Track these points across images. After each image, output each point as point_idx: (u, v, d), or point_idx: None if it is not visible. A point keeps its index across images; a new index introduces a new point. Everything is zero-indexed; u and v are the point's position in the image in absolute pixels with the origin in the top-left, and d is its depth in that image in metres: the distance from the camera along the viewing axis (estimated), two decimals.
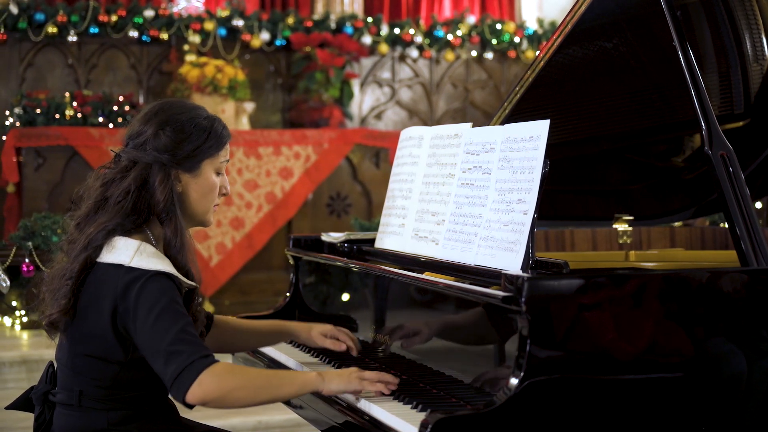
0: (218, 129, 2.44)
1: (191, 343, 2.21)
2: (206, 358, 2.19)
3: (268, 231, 7.01)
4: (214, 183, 2.45)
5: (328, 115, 7.90)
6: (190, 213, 2.44)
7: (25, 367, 5.20)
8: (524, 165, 2.32)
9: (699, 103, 2.45)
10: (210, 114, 2.47)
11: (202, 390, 2.16)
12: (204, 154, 2.41)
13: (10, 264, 5.87)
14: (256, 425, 4.62)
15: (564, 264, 2.17)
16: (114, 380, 2.32)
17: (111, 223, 2.32)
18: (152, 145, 2.36)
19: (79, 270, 2.32)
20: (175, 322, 2.22)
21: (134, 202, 2.34)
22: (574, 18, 2.88)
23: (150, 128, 2.38)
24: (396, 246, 2.81)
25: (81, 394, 2.33)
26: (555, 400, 2.01)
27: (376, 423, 2.18)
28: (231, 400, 2.21)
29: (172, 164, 2.37)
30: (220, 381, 2.17)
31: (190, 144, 2.39)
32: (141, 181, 2.35)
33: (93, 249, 2.32)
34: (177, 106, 2.44)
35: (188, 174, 2.40)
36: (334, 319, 3.00)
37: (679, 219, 3.56)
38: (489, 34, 8.84)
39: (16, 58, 7.58)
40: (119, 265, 2.28)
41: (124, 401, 2.34)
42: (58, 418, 2.40)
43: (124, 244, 2.31)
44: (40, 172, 6.63)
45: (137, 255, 2.27)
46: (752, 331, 2.19)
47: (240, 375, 2.24)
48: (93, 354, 2.32)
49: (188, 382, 2.16)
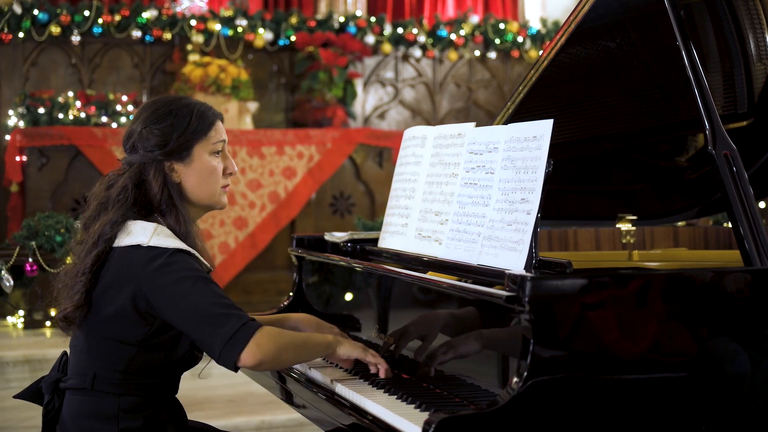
0: (202, 110, 2.46)
1: (234, 307, 2.29)
2: (254, 321, 2.28)
3: (271, 231, 7.01)
4: (211, 166, 2.47)
5: (331, 114, 7.91)
6: (194, 200, 2.48)
7: (28, 366, 5.21)
8: (527, 164, 2.32)
9: (702, 103, 2.45)
10: (194, 100, 2.50)
11: (261, 351, 2.24)
12: (192, 139, 2.44)
13: (13, 264, 5.87)
14: (259, 425, 4.62)
15: (567, 264, 2.17)
16: (129, 363, 2.35)
17: (115, 216, 2.38)
18: (142, 146, 2.42)
19: (92, 265, 2.36)
20: (211, 290, 2.29)
21: (134, 197, 2.40)
22: (577, 17, 2.87)
23: (137, 128, 2.44)
24: (399, 246, 2.81)
25: (95, 377, 2.36)
26: (558, 400, 2.01)
27: (380, 422, 2.18)
28: (281, 361, 2.34)
29: (163, 158, 2.41)
30: (277, 342, 2.28)
31: (175, 133, 2.42)
32: (137, 179, 2.41)
33: (104, 242, 2.36)
34: (158, 102, 2.48)
35: (181, 163, 2.44)
36: (338, 318, 3.00)
37: (682, 218, 3.55)
38: (492, 33, 8.84)
39: (19, 57, 7.59)
40: (137, 246, 2.33)
41: (136, 387, 2.37)
42: (68, 404, 2.41)
43: (141, 226, 2.36)
44: (44, 171, 6.63)
45: (155, 235, 2.33)
46: (756, 330, 2.19)
47: (286, 336, 2.35)
48: (111, 336, 2.35)
49: (243, 343, 2.23)
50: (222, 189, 2.51)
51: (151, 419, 2.38)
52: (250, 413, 4.66)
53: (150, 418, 2.38)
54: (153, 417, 2.38)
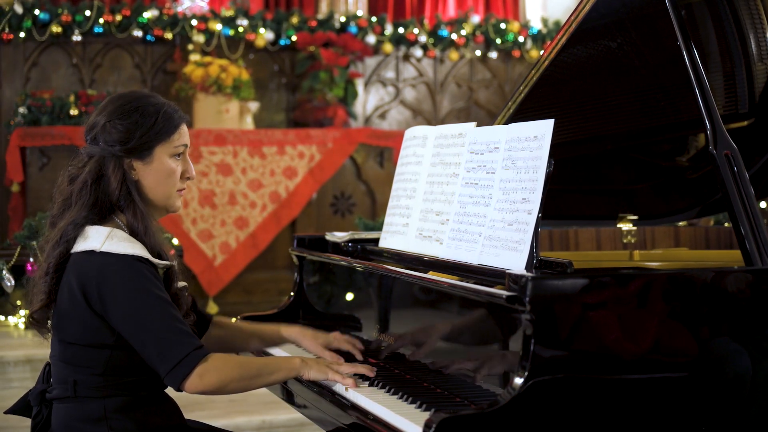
0: (168, 112, 2.44)
1: (181, 332, 2.28)
2: (200, 349, 2.27)
3: (272, 230, 7.01)
4: (170, 168, 2.45)
5: (332, 114, 7.91)
6: (150, 200, 2.45)
7: (30, 366, 5.21)
8: (528, 164, 2.32)
9: (703, 103, 2.45)
10: (162, 100, 2.48)
11: (203, 383, 2.25)
12: (154, 140, 2.41)
13: (14, 263, 5.88)
14: (260, 425, 4.62)
15: (568, 263, 2.17)
16: (107, 365, 2.34)
17: (79, 217, 2.37)
18: (103, 138, 2.40)
19: (55, 265, 2.37)
20: (159, 308, 2.28)
21: (95, 195, 2.38)
22: (578, 17, 2.87)
23: (101, 120, 2.41)
24: (400, 245, 2.81)
25: (75, 383, 2.35)
26: (559, 400, 2.01)
27: (381, 422, 2.18)
28: (227, 391, 2.32)
29: (123, 154, 2.39)
30: (219, 374, 2.27)
31: (138, 131, 2.39)
32: (96, 174, 2.39)
33: (66, 242, 2.37)
34: (127, 97, 2.46)
35: (141, 162, 2.42)
36: (338, 318, 3.00)
37: (683, 218, 3.55)
38: (493, 33, 8.84)
39: (20, 57, 7.60)
40: (91, 251, 2.33)
41: (120, 387, 2.36)
42: (56, 414, 2.41)
43: (96, 231, 2.36)
44: (45, 171, 6.63)
45: (108, 240, 2.33)
46: (757, 330, 2.19)
47: (236, 366, 2.33)
48: (81, 342, 2.35)
49: (186, 372, 2.24)
50: (177, 192, 2.48)
51: (140, 417, 2.37)
52: (251, 413, 4.66)
53: (139, 416, 2.37)
54: (142, 415, 2.38)
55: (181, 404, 2.52)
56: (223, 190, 6.86)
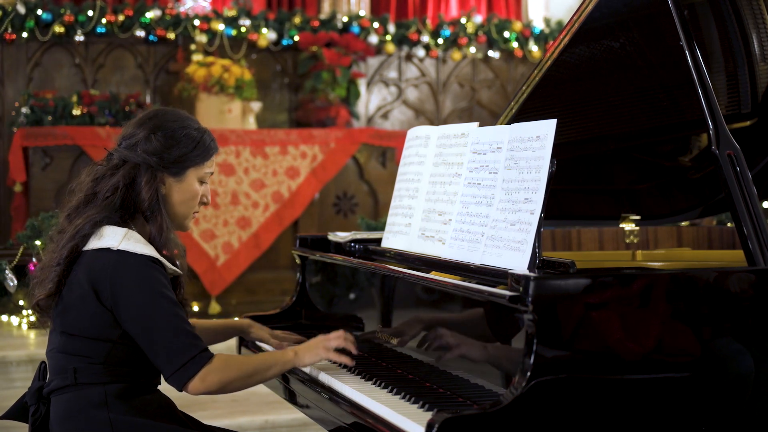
0: (206, 141, 2.57)
1: (187, 334, 2.36)
2: (205, 352, 2.36)
3: (275, 230, 7.01)
4: (196, 191, 2.56)
5: (334, 114, 7.91)
6: (170, 215, 2.55)
7: (32, 366, 5.21)
8: (531, 164, 2.32)
9: (706, 103, 2.45)
10: (201, 126, 2.60)
11: (204, 385, 2.34)
12: (190, 162, 2.53)
13: (17, 263, 5.88)
14: (263, 425, 4.62)
15: (571, 263, 2.17)
16: (107, 356, 2.40)
17: (99, 216, 2.44)
18: (142, 148, 2.49)
19: (67, 256, 2.43)
20: (169, 310, 2.36)
21: (122, 199, 2.47)
22: (581, 17, 2.87)
23: (142, 131, 2.51)
24: (402, 245, 2.81)
25: (76, 371, 2.40)
26: (562, 400, 2.01)
27: (383, 422, 2.18)
28: (227, 390, 2.41)
29: (158, 167, 2.49)
30: (221, 376, 2.36)
31: (178, 150, 2.51)
32: (129, 180, 2.48)
33: (80, 238, 2.43)
34: (170, 114, 2.57)
35: (173, 178, 2.52)
36: (341, 318, 3.00)
37: (686, 218, 3.55)
38: (496, 33, 8.84)
39: (23, 57, 7.60)
40: (107, 249, 2.39)
41: (119, 375, 2.41)
42: (55, 407, 2.43)
43: (112, 231, 2.43)
44: (47, 171, 6.64)
45: (125, 240, 2.40)
46: (759, 330, 2.19)
47: (235, 367, 2.41)
48: (85, 335, 2.40)
49: (190, 375, 2.33)
50: (193, 214, 2.61)
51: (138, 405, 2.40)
52: (254, 413, 4.67)
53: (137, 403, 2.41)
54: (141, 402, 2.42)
55: (184, 404, 2.54)
56: (225, 190, 6.86)
